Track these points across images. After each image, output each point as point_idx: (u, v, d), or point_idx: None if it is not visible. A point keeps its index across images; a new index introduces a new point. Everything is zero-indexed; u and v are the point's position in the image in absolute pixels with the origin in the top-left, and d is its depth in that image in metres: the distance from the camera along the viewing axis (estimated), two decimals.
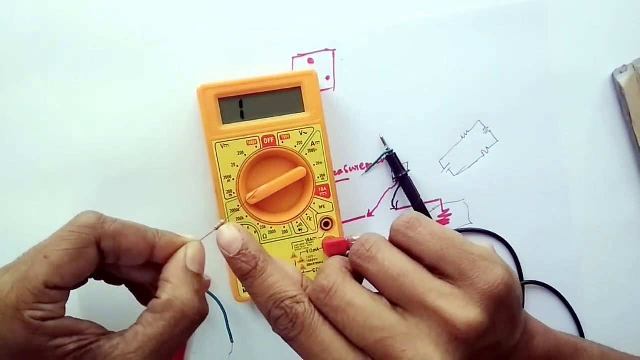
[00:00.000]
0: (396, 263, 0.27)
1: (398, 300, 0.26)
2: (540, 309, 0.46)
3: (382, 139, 0.44)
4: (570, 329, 0.47)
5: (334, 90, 0.44)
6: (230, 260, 0.28)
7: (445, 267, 0.27)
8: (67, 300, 0.29)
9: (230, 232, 0.28)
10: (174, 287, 0.30)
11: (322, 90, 0.42)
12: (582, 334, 0.47)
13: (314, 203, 0.41)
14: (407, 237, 0.28)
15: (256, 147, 0.40)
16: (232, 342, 0.40)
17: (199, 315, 0.31)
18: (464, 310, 0.25)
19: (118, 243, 0.31)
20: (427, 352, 0.24)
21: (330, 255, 0.41)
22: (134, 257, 0.31)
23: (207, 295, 0.35)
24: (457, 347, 0.25)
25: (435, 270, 0.27)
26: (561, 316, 0.47)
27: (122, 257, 0.31)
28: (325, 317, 0.26)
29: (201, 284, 0.32)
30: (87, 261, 0.30)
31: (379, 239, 0.28)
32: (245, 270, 0.28)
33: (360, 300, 0.26)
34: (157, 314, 0.30)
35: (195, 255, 0.32)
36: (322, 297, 0.26)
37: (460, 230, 0.46)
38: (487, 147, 0.46)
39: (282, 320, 0.26)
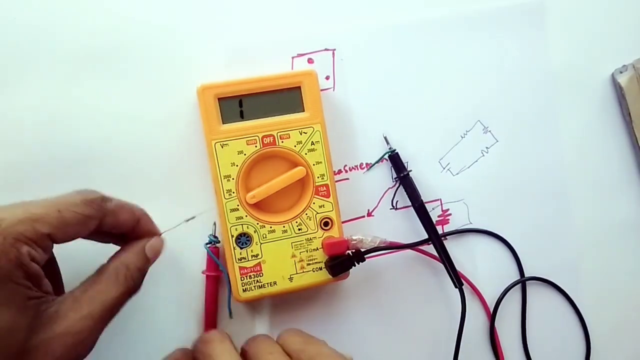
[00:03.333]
0: None
1: None
2: (542, 306, 0.47)
3: (385, 138, 0.44)
4: (573, 325, 0.48)
5: (333, 90, 0.44)
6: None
7: None
8: (49, 255, 0.32)
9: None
10: (126, 256, 0.35)
11: (322, 90, 0.42)
12: (585, 330, 0.47)
13: (314, 203, 0.41)
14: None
15: (256, 146, 0.40)
16: (230, 317, 0.43)
17: (134, 285, 0.34)
18: None
19: (117, 218, 0.35)
20: None
21: (330, 255, 0.41)
22: (123, 230, 0.36)
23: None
24: None
25: None
26: (564, 312, 0.48)
27: (115, 229, 0.35)
28: None
29: (147, 266, 0.36)
30: (87, 229, 0.33)
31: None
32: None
33: None
34: (102, 272, 0.33)
35: (155, 246, 0.37)
36: None
37: (460, 231, 0.46)
38: (487, 147, 0.46)
39: None
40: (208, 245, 0.41)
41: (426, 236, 0.44)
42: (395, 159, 0.44)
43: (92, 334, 0.31)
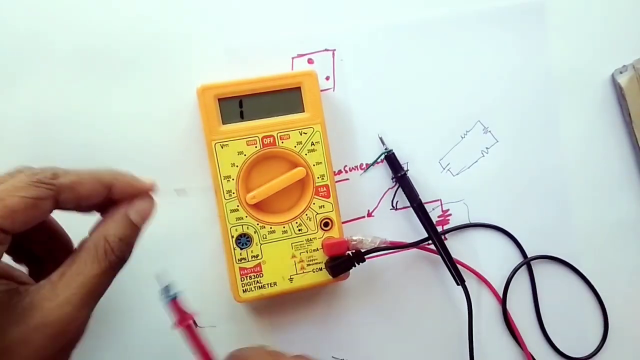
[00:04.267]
0: None
1: None
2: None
3: (380, 138, 0.44)
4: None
5: (333, 90, 0.44)
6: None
7: None
8: (7, 246, 0.29)
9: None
10: (104, 226, 0.31)
11: (322, 91, 0.42)
12: (598, 298, 0.48)
13: (314, 203, 0.41)
14: None
15: (256, 147, 0.40)
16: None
17: (117, 258, 0.31)
18: None
19: (76, 192, 0.30)
20: None
21: (330, 255, 0.41)
22: (93, 200, 0.32)
23: None
24: None
25: None
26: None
27: (82, 203, 0.31)
28: None
29: (134, 234, 0.32)
30: (42, 212, 0.29)
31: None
32: None
33: None
34: (81, 249, 0.30)
35: (141, 208, 0.32)
36: None
37: (462, 226, 0.46)
38: (487, 148, 0.46)
39: None
40: (168, 300, 0.33)
41: (426, 236, 0.44)
42: (391, 160, 0.44)
43: (74, 320, 0.29)
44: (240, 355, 0.33)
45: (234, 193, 0.40)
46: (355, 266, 0.41)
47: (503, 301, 0.46)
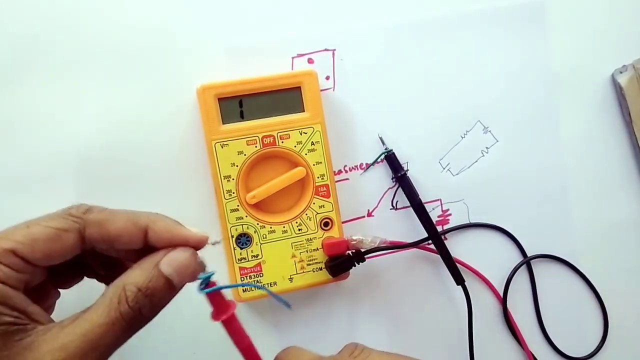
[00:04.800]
0: None
1: None
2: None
3: (380, 138, 0.44)
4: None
5: (333, 90, 0.44)
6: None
7: None
8: (30, 277, 0.28)
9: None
10: (128, 272, 0.28)
11: (322, 90, 0.42)
12: (598, 297, 0.48)
13: (314, 203, 0.41)
14: None
15: (256, 147, 0.40)
16: (289, 307, 0.34)
17: (131, 310, 0.27)
18: None
19: (105, 230, 0.29)
20: None
21: (330, 255, 0.41)
22: (127, 242, 0.29)
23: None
24: None
25: None
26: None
27: (115, 243, 0.29)
28: None
29: (161, 287, 0.28)
30: (63, 245, 0.28)
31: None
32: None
33: None
34: (100, 298, 0.27)
35: (176, 260, 0.28)
36: None
37: (462, 226, 0.46)
38: (487, 147, 0.46)
39: None
40: (203, 288, 0.30)
41: (426, 235, 0.44)
42: (391, 159, 0.44)
43: None
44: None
45: (234, 193, 0.40)
46: (355, 266, 0.41)
47: (503, 301, 0.46)
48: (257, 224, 0.40)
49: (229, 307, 0.30)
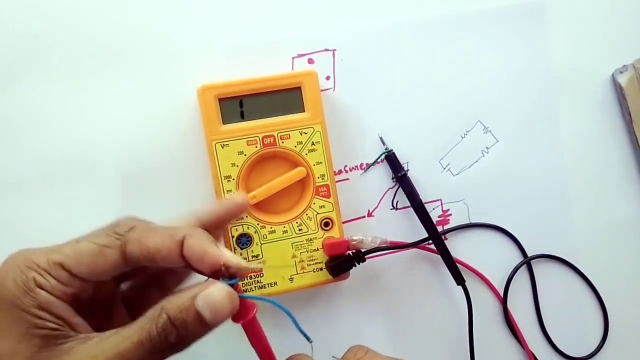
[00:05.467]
0: None
1: None
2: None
3: (380, 138, 0.44)
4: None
5: (334, 90, 0.44)
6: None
7: None
8: (77, 291, 0.29)
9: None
10: (169, 299, 0.28)
11: (322, 91, 0.42)
12: (598, 297, 0.48)
13: (314, 203, 0.41)
14: None
15: (256, 147, 0.40)
16: (310, 341, 0.34)
17: (158, 336, 0.27)
18: None
19: (144, 245, 0.29)
20: None
21: (331, 255, 0.41)
22: (166, 257, 0.29)
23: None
24: None
25: None
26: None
27: (154, 258, 0.29)
28: None
29: (191, 321, 0.27)
30: (105, 260, 0.29)
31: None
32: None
33: None
34: (140, 317, 0.28)
35: (211, 297, 0.28)
36: None
37: (462, 226, 0.46)
38: (487, 147, 0.46)
39: None
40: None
41: (426, 235, 0.44)
42: (391, 159, 0.44)
43: None
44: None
45: (234, 193, 0.40)
46: (355, 266, 0.41)
47: (504, 300, 0.46)
48: (258, 224, 0.40)
49: (249, 310, 0.30)
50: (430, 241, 0.44)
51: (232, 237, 0.40)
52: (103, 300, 0.32)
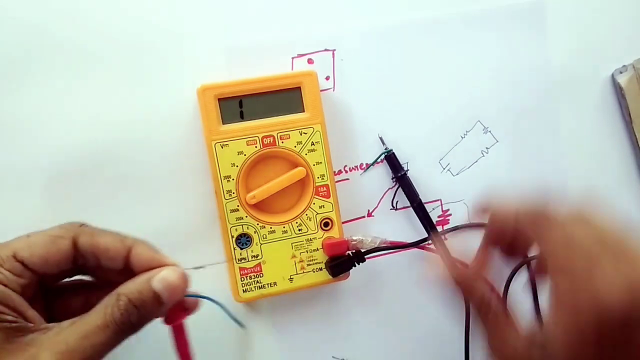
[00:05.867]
0: None
1: None
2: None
3: (380, 138, 0.44)
4: None
5: (333, 90, 0.44)
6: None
7: None
8: (26, 283, 0.30)
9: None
10: (124, 284, 0.30)
11: (322, 91, 0.42)
12: None
13: (314, 203, 0.41)
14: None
15: (256, 147, 0.40)
16: (243, 327, 0.39)
17: (121, 317, 0.29)
18: None
19: (95, 241, 0.31)
20: None
21: (330, 255, 0.41)
22: (112, 259, 0.32)
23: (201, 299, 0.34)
24: None
25: None
26: None
27: (101, 257, 0.31)
28: None
29: (150, 301, 0.30)
30: (58, 250, 0.31)
31: None
32: None
33: None
34: (98, 305, 0.30)
35: (167, 279, 0.31)
36: None
37: (462, 226, 0.46)
38: (487, 148, 0.46)
39: None
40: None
41: (426, 235, 0.44)
42: (391, 160, 0.44)
43: None
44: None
45: (234, 193, 0.40)
46: (355, 266, 0.41)
47: (504, 302, 0.46)
48: (257, 224, 0.40)
49: (182, 314, 0.33)
50: (430, 241, 0.44)
51: (232, 237, 0.40)
52: (41, 295, 0.33)
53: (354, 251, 0.41)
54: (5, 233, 0.40)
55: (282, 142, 0.40)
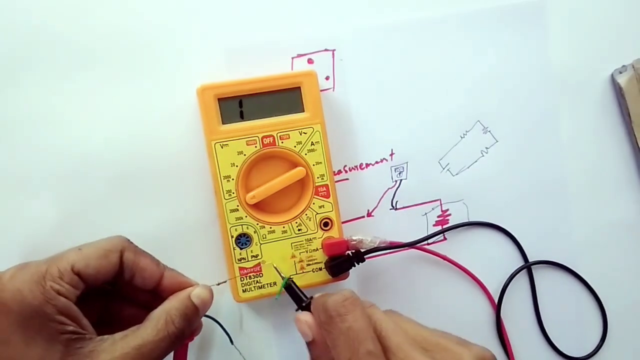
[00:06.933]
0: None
1: None
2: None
3: (275, 268, 0.40)
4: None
5: (333, 90, 0.44)
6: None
7: None
8: (81, 293, 0.33)
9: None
10: (168, 301, 0.35)
11: (321, 91, 0.42)
12: (600, 305, 0.48)
13: (314, 203, 0.41)
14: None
15: (256, 147, 0.40)
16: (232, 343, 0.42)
17: (176, 330, 0.34)
18: None
19: (137, 259, 0.35)
20: None
21: (330, 255, 0.41)
22: (146, 278, 0.36)
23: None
24: None
25: None
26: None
27: (137, 275, 0.35)
28: None
29: (193, 314, 0.35)
30: (109, 262, 0.34)
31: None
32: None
33: None
34: (147, 319, 0.34)
35: (201, 294, 0.36)
36: None
37: (461, 225, 0.46)
38: (486, 147, 0.46)
39: None
40: None
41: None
42: (291, 289, 0.38)
43: None
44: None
45: (233, 193, 0.40)
46: (355, 266, 0.41)
47: (497, 309, 0.46)
48: (257, 224, 0.40)
49: (190, 337, 0.39)
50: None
51: (232, 237, 0.40)
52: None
53: (353, 251, 0.41)
54: (5, 233, 0.40)
55: (282, 142, 0.40)
